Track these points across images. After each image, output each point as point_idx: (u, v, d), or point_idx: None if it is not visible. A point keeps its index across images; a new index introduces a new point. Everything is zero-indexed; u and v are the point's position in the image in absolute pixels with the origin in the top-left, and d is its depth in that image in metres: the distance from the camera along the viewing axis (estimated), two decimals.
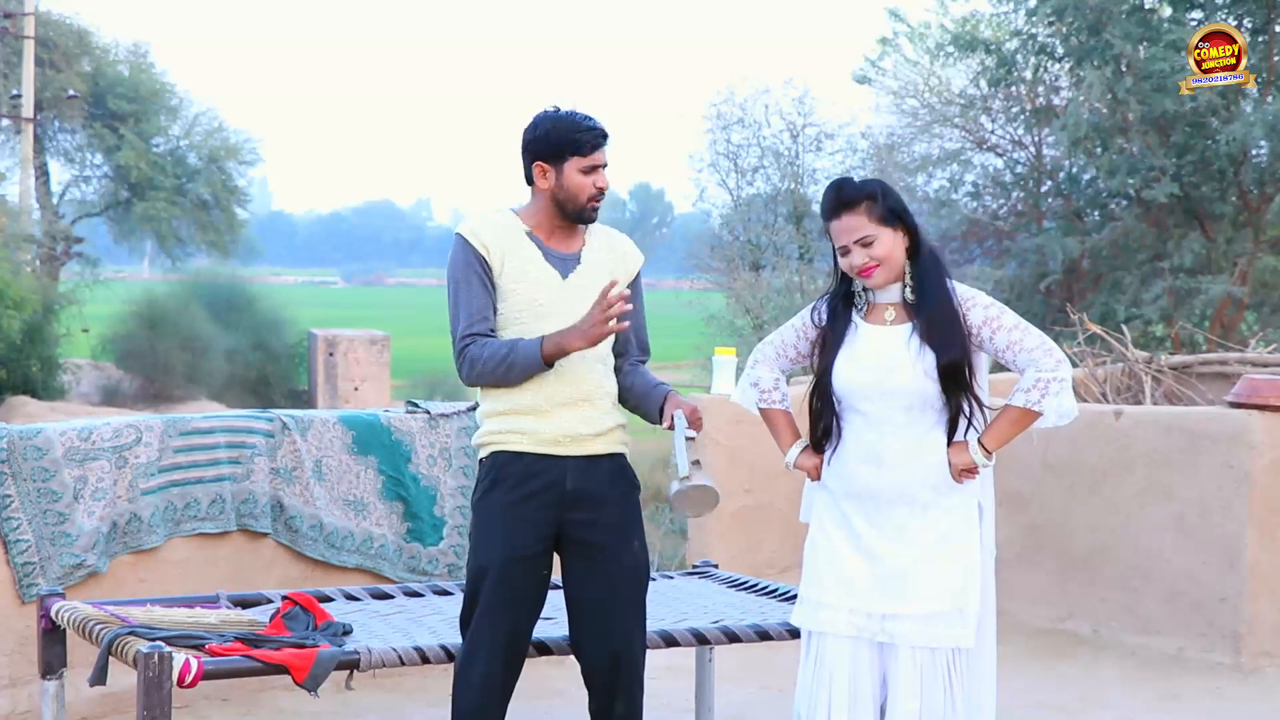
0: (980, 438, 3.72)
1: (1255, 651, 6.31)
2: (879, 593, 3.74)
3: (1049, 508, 6.98)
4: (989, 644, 3.85)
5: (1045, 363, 3.69)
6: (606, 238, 4.19)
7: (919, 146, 18.73)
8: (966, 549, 3.75)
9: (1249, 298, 14.91)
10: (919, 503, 3.75)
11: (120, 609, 4.37)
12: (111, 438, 5.40)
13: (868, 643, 3.77)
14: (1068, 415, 3.70)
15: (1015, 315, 3.76)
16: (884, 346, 3.76)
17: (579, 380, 4.02)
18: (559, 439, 4.00)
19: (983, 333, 3.73)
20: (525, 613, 4.01)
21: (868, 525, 3.78)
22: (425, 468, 6.08)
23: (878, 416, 3.76)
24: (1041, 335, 3.73)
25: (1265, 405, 6.31)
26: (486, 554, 3.99)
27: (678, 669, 6.12)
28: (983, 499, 3.81)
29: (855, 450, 3.80)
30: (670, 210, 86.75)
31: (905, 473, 3.74)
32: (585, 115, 4.04)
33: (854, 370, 3.77)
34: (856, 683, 3.77)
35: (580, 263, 4.08)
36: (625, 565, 4.04)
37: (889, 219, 3.74)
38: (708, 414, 7.20)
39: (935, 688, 3.72)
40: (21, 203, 28.41)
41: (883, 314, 3.81)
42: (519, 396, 4.01)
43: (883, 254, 3.74)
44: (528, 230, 4.07)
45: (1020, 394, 3.70)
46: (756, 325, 19.60)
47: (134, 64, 32.25)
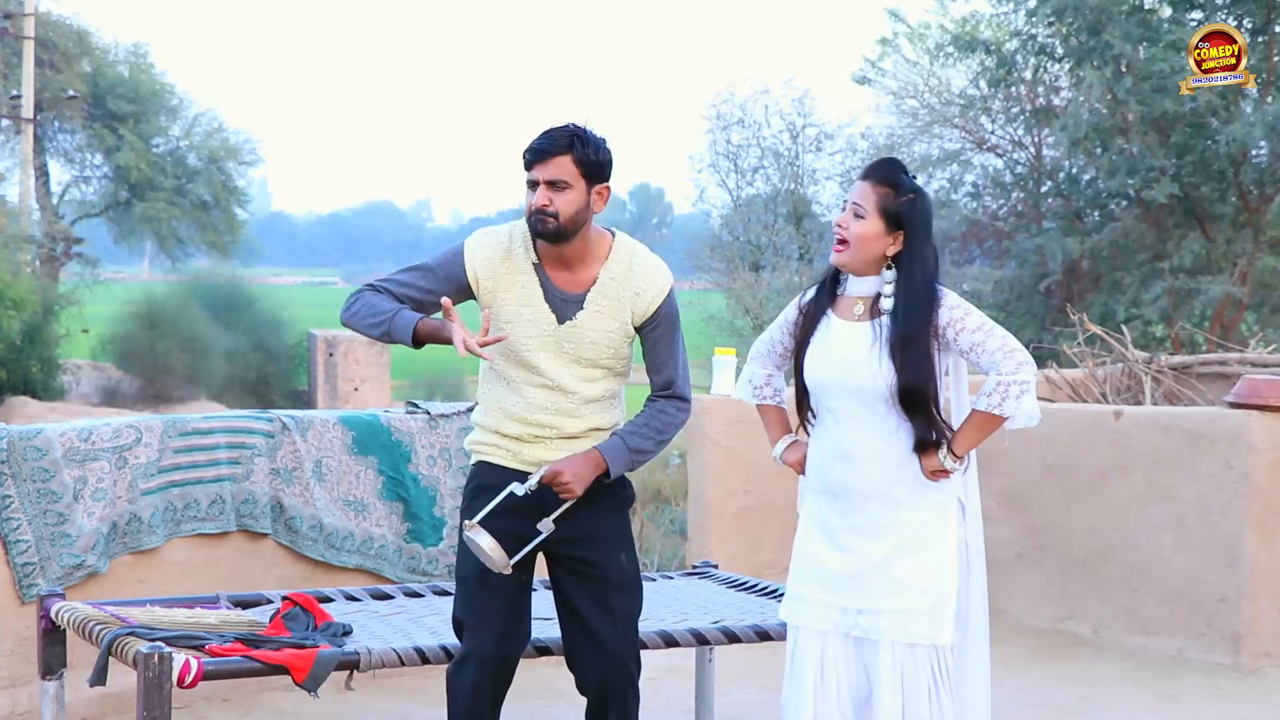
0: (949, 442, 3.72)
1: (1255, 652, 6.31)
2: (852, 587, 3.75)
3: (1049, 508, 6.98)
4: (980, 643, 3.84)
5: (1006, 365, 3.67)
6: (627, 270, 3.95)
7: (919, 147, 18.74)
8: (942, 546, 3.74)
9: (1249, 298, 14.91)
10: (891, 499, 3.74)
11: (120, 609, 4.37)
12: (111, 438, 5.40)
13: (843, 637, 3.77)
14: (1033, 417, 3.69)
15: (981, 316, 3.72)
16: (847, 343, 3.75)
17: (563, 426, 3.96)
18: (540, 462, 3.96)
19: (947, 333, 3.71)
20: (511, 619, 3.99)
21: (842, 521, 3.79)
22: (425, 468, 6.09)
23: (844, 412, 3.76)
24: (1005, 337, 3.70)
25: (1265, 405, 6.31)
26: (466, 565, 3.98)
27: (678, 669, 6.13)
28: (964, 497, 3.80)
29: (828, 445, 3.81)
30: (670, 210, 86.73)
31: (875, 469, 3.74)
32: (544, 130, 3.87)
33: (818, 365, 3.78)
34: (829, 677, 3.78)
35: (583, 309, 3.92)
36: (613, 579, 4.00)
37: (890, 215, 3.72)
38: (708, 414, 7.21)
39: (918, 686, 3.71)
40: (21, 203, 28.42)
41: (852, 308, 3.79)
42: (505, 425, 3.98)
43: (857, 234, 3.71)
44: (535, 263, 3.94)
45: (982, 398, 3.69)
46: (756, 325, 19.61)
47: (134, 64, 32.25)
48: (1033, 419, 3.69)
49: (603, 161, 3.87)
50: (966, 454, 3.74)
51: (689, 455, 7.50)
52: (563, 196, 3.82)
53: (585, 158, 3.83)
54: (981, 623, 3.84)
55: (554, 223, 3.83)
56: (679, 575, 5.63)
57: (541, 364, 3.92)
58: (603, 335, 3.94)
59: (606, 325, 3.93)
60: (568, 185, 3.82)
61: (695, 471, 7.37)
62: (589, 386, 3.96)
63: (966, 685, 3.81)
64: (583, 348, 3.93)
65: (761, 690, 5.96)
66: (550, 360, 3.92)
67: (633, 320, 3.96)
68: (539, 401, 3.94)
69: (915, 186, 3.74)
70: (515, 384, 3.96)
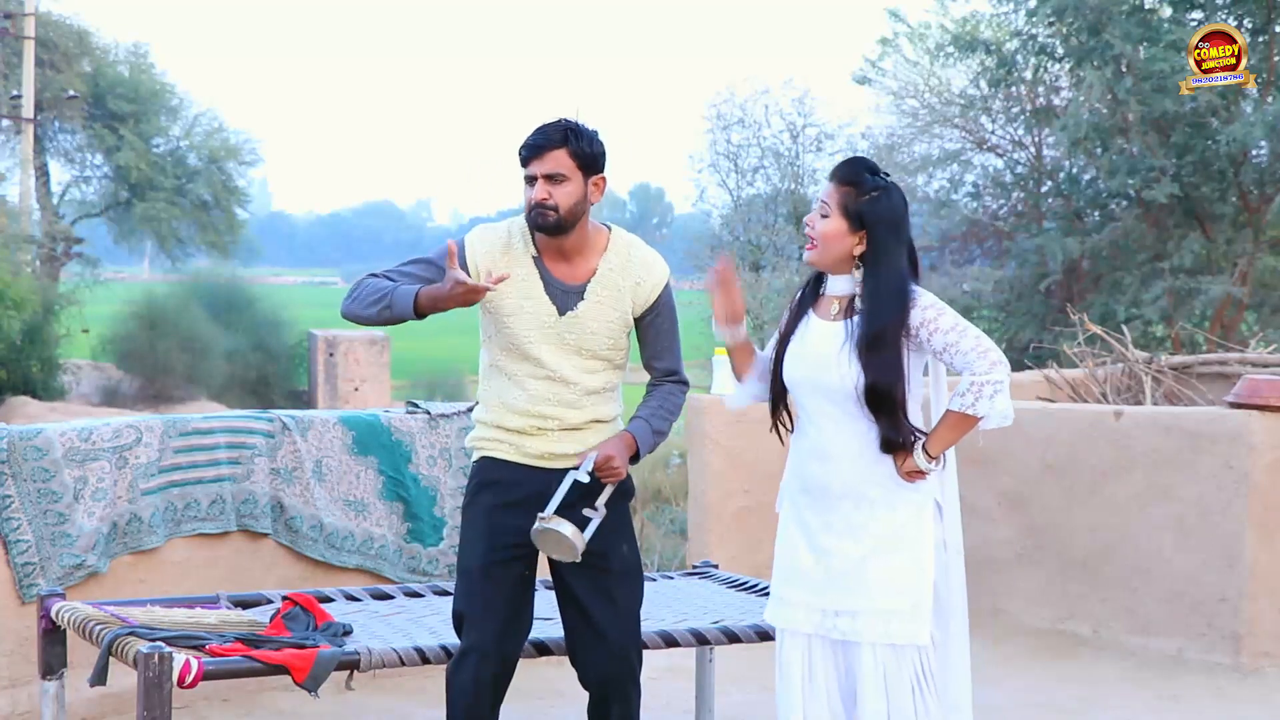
0: (924, 442, 3.72)
1: (1255, 652, 6.31)
2: (830, 589, 3.76)
3: (1049, 508, 6.98)
4: (961, 643, 3.83)
5: (979, 365, 3.67)
6: (623, 263, 4.04)
7: (919, 147, 18.74)
8: (918, 547, 3.73)
9: (1249, 298, 14.90)
10: (867, 499, 3.74)
11: (120, 609, 4.37)
12: (111, 438, 5.40)
13: (824, 639, 3.78)
14: (1008, 417, 3.69)
15: (955, 316, 3.72)
16: (821, 341, 3.77)
17: (566, 417, 4.00)
18: (544, 455, 4.02)
19: (920, 333, 3.71)
20: (511, 616, 4.00)
21: (819, 521, 3.80)
22: (425, 468, 6.09)
23: (818, 412, 3.77)
24: (979, 337, 3.69)
25: (1265, 405, 6.31)
26: (469, 558, 4.01)
27: (678, 669, 6.13)
28: (941, 498, 3.79)
29: (804, 445, 3.83)
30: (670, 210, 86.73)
31: (849, 469, 3.74)
32: (538, 126, 3.96)
33: (793, 364, 3.80)
34: (816, 678, 3.79)
35: (583, 299, 3.99)
36: (616, 569, 4.04)
37: (852, 214, 3.72)
38: (708, 414, 7.21)
39: (901, 688, 3.71)
40: (21, 203, 28.43)
41: (829, 307, 3.81)
42: (506, 419, 4.02)
43: (822, 233, 3.74)
44: (535, 255, 4.01)
45: (956, 398, 3.69)
46: (756, 325, 19.60)
47: (134, 64, 32.26)
48: (1006, 419, 3.69)
49: (597, 153, 3.97)
50: (941, 454, 3.74)
51: (689, 455, 7.50)
52: (561, 189, 3.91)
53: (580, 150, 3.92)
54: (962, 623, 3.84)
55: (554, 215, 3.92)
56: (679, 575, 5.64)
57: (543, 356, 3.97)
58: (603, 326, 3.99)
59: (607, 315, 3.99)
60: (565, 178, 3.91)
61: (695, 471, 7.37)
62: (590, 378, 4.01)
63: (949, 685, 3.81)
64: (583, 338, 3.98)
65: (761, 690, 5.96)
66: (551, 352, 3.97)
67: (633, 310, 4.03)
68: (541, 393, 3.99)
69: (880, 184, 3.73)
70: (517, 377, 4.00)
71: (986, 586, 6.87)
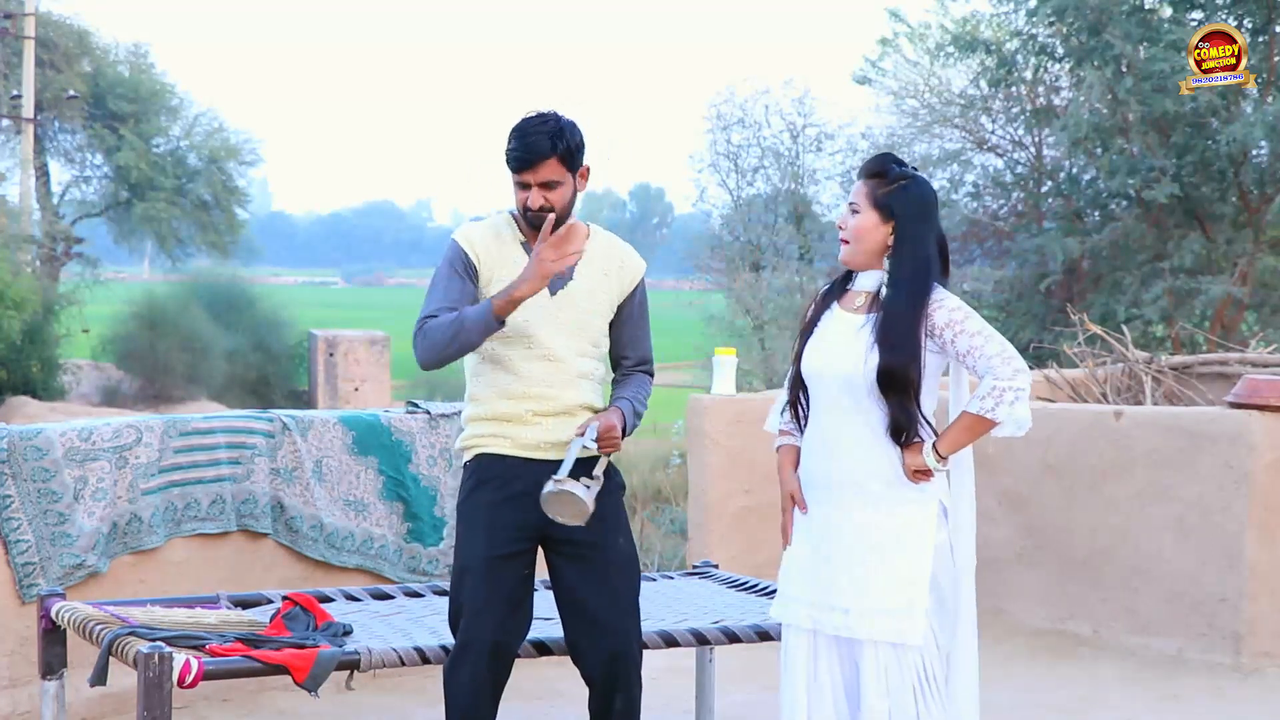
0: (935, 442, 3.72)
1: (1255, 652, 6.31)
2: (828, 584, 3.76)
3: (1049, 508, 6.98)
4: (968, 646, 3.83)
5: (1003, 371, 3.67)
6: (605, 248, 4.19)
7: (919, 147, 18.73)
8: (919, 547, 3.72)
9: (1249, 298, 14.91)
10: (871, 495, 3.74)
11: (120, 609, 4.37)
12: (111, 438, 5.40)
13: (829, 637, 3.78)
14: (1024, 425, 3.69)
15: (981, 320, 3.73)
16: (840, 331, 3.79)
17: (560, 397, 4.07)
18: (539, 445, 4.06)
19: (945, 334, 3.71)
20: (511, 611, 4.01)
21: (823, 516, 3.81)
22: (425, 468, 6.09)
23: (829, 403, 3.79)
24: (1004, 343, 3.71)
25: (1265, 405, 6.31)
26: (468, 554, 4.04)
27: (678, 669, 6.13)
28: (947, 500, 3.79)
29: (813, 437, 3.84)
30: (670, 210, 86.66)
31: (856, 463, 3.74)
32: (522, 131, 3.98)
33: (813, 354, 3.82)
34: (821, 675, 3.79)
35: (572, 279, 4.10)
36: (613, 560, 4.07)
37: (881, 204, 3.76)
38: (708, 414, 7.21)
39: (904, 689, 3.71)
40: (21, 203, 28.42)
41: (854, 300, 3.84)
42: (499, 406, 4.07)
43: (854, 227, 3.78)
44: (523, 241, 4.12)
45: (975, 401, 3.69)
46: (756, 325, 19.63)
47: (134, 64, 32.26)
48: (1021, 427, 3.69)
49: (579, 148, 4.06)
50: (949, 456, 3.74)
51: (689, 455, 7.50)
52: (556, 193, 4.03)
53: (567, 153, 4.02)
54: (970, 629, 3.84)
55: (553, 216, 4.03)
56: (679, 575, 5.64)
57: (538, 334, 4.05)
58: (593, 303, 4.11)
59: (594, 294, 4.11)
60: (559, 183, 4.03)
61: (695, 471, 7.37)
62: (581, 361, 4.10)
63: (956, 692, 3.80)
64: (577, 315, 4.09)
65: (761, 690, 5.96)
66: (546, 329, 4.06)
67: (618, 293, 4.15)
68: (535, 374, 4.06)
69: (906, 174, 3.79)
70: (510, 362, 4.07)
71: (986, 586, 6.83)
